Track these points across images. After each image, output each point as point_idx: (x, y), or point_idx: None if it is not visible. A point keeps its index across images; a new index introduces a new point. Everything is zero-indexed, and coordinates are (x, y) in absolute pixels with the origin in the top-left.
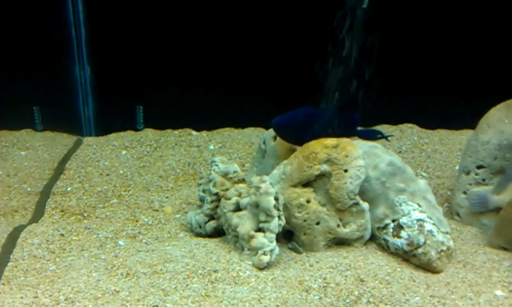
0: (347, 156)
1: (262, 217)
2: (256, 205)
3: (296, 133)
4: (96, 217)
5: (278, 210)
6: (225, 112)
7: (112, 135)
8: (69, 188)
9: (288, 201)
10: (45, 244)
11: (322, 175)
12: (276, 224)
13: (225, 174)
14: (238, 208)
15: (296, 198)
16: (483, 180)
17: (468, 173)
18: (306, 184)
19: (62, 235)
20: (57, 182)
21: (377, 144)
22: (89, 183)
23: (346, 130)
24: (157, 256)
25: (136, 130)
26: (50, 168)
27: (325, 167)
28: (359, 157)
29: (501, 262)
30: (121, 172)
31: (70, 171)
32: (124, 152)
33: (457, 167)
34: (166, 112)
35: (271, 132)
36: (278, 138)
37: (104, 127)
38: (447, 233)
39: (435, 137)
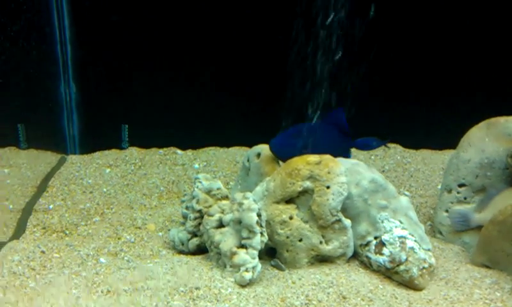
0: (329, 172)
1: (245, 234)
2: (239, 222)
3: (295, 152)
4: (78, 235)
5: (261, 226)
6: (210, 131)
7: (97, 154)
8: (51, 206)
9: (271, 218)
10: (26, 260)
11: (305, 192)
12: (258, 241)
13: (208, 191)
14: (221, 225)
15: (278, 215)
16: (465, 198)
17: (449, 191)
18: (289, 201)
19: (43, 252)
20: (40, 199)
21: (360, 161)
22: (72, 200)
23: (342, 143)
24: (139, 273)
25: (121, 148)
26: (33, 185)
27: (308, 184)
28: (341, 174)
29: (483, 279)
30: (104, 190)
31: (52, 189)
32: (108, 170)
33: (439, 186)
34: (150, 131)
35: (255, 149)
36: (262, 155)
37: (89, 145)
38: (428, 250)
39: (418, 156)
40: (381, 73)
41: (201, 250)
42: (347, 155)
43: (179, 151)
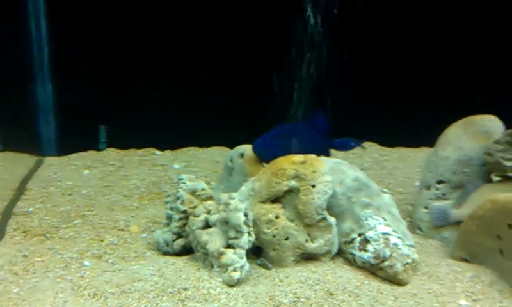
0: (314, 172)
1: (232, 234)
2: (226, 222)
3: (278, 153)
4: (60, 238)
5: (248, 226)
6: (189, 132)
7: (74, 155)
8: (31, 209)
9: (257, 217)
10: (8, 265)
11: (291, 191)
12: (246, 240)
13: (193, 192)
14: (207, 225)
15: (264, 214)
16: (443, 194)
17: (428, 188)
18: (274, 200)
19: (25, 256)
20: (19, 203)
21: (343, 160)
22: (52, 203)
23: (322, 143)
24: (125, 275)
25: (98, 149)
26: (11, 188)
27: (293, 183)
28: (326, 173)
29: (463, 273)
30: (84, 192)
31: (31, 191)
32: (86, 172)
33: (417, 183)
34: (128, 132)
35: (238, 149)
36: (246, 155)
37: (65, 147)
38: (411, 246)
39: (395, 154)
40: (358, 73)
41: (186, 251)
42: (326, 155)
43: (158, 151)
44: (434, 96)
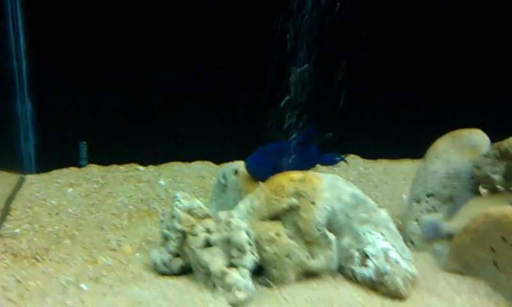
0: (314, 189)
1: (235, 253)
2: (228, 241)
3: (270, 171)
4: (51, 260)
5: (250, 244)
6: (171, 146)
7: (55, 172)
8: (18, 230)
9: (258, 236)
10: (1, 291)
11: (291, 208)
12: (249, 259)
13: (189, 210)
14: (207, 245)
15: (265, 232)
16: (433, 207)
17: (419, 202)
18: (274, 217)
19: (18, 281)
20: (4, 223)
21: (338, 176)
22: (39, 223)
23: (310, 160)
24: (126, 299)
25: (79, 166)
26: None
27: (293, 200)
28: (325, 189)
29: (460, 286)
30: (70, 210)
31: (16, 211)
32: (70, 190)
33: (404, 196)
34: (109, 147)
35: (231, 166)
36: (240, 172)
37: (45, 164)
38: (409, 260)
39: (379, 167)
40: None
41: (184, 270)
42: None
43: (140, 167)
44: (414, 109)
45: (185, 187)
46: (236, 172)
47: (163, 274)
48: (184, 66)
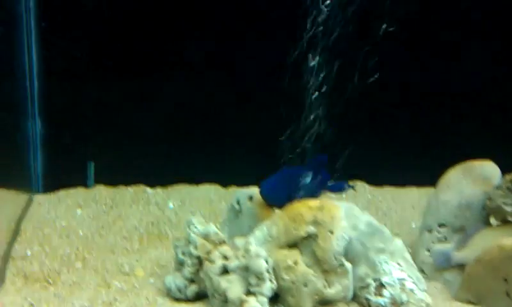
0: (332, 217)
1: (253, 281)
2: (246, 268)
3: (285, 197)
4: (63, 283)
5: (269, 272)
6: (179, 168)
7: (62, 193)
8: (29, 252)
9: (276, 263)
10: None
11: (309, 236)
12: (268, 287)
13: (206, 236)
14: (224, 271)
15: (283, 260)
16: (445, 237)
17: (430, 231)
18: (291, 245)
19: (32, 305)
20: (15, 245)
21: (353, 205)
22: (49, 245)
23: (320, 187)
24: None
25: (86, 186)
26: (6, 230)
27: (311, 229)
28: (342, 218)
29: None
30: (81, 233)
31: (26, 233)
32: (79, 211)
33: (413, 225)
34: (116, 167)
35: (245, 192)
36: (255, 199)
37: (52, 183)
38: (425, 290)
39: (387, 194)
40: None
41: (199, 297)
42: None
43: (149, 189)
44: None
45: (194, 211)
46: (251, 198)
47: (177, 299)
48: (189, 85)
